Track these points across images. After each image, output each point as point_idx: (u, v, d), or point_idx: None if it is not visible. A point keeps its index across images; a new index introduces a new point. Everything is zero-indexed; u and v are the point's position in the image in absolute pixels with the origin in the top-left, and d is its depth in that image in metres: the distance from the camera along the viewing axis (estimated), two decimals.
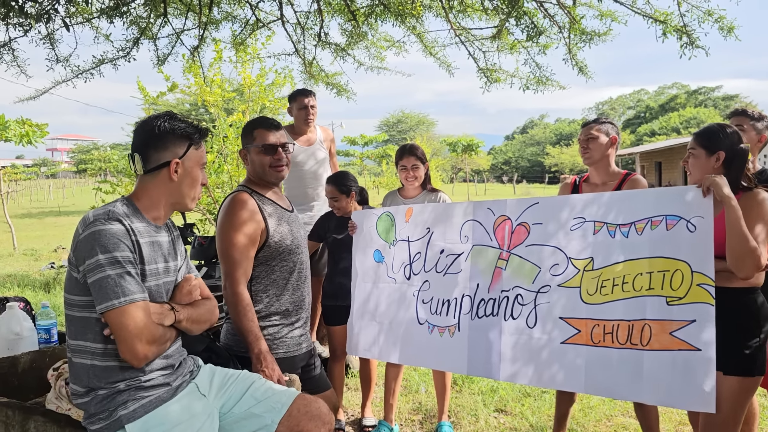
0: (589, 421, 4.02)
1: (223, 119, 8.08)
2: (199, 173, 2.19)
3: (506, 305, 2.92)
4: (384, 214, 3.45)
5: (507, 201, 3.06)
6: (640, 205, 2.63)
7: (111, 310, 1.87)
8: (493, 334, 2.93)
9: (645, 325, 2.52)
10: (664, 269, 2.50)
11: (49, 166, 78.38)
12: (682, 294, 2.45)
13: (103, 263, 1.89)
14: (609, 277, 2.64)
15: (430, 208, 3.36)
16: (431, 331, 3.17)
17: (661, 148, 34.04)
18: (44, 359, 2.81)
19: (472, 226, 3.11)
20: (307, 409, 2.25)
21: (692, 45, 4.84)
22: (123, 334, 1.88)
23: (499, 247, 2.99)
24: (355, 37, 6.52)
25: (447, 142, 42.66)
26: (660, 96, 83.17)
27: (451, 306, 3.11)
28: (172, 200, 2.16)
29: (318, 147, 4.76)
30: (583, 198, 2.84)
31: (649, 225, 2.58)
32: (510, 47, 6.02)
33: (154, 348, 1.96)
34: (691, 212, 2.47)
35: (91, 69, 6.12)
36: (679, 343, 2.43)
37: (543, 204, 2.93)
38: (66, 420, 2.15)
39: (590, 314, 2.67)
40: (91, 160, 52.43)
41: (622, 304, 2.59)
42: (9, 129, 14.81)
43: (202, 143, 2.20)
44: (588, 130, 3.29)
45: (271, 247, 2.73)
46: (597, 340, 2.63)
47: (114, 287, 1.88)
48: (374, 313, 3.39)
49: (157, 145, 2.11)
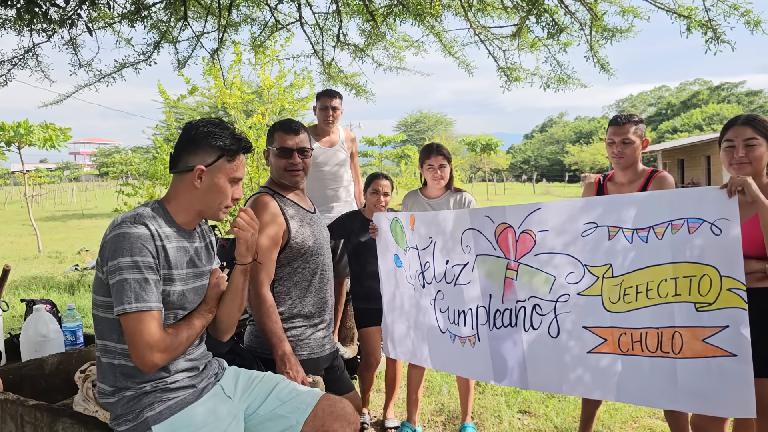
0: (615, 422, 3.97)
1: (243, 121, 8.13)
2: (226, 186, 2.12)
3: (524, 316, 2.85)
4: (394, 220, 3.43)
5: (506, 207, 2.94)
6: (657, 208, 2.51)
7: (123, 314, 1.89)
8: (515, 344, 2.88)
9: (675, 332, 2.45)
10: (691, 274, 2.42)
11: (72, 169, 79.59)
12: (712, 299, 2.37)
13: (122, 266, 1.90)
14: (632, 284, 2.56)
15: (429, 216, 3.28)
16: (453, 340, 3.14)
17: (683, 145, 33.62)
18: (71, 361, 2.84)
19: (472, 235, 3.03)
20: (332, 409, 2.25)
21: (717, 40, 4.74)
22: (135, 340, 1.89)
23: (505, 256, 2.90)
24: (373, 38, 6.50)
25: (465, 142, 42.52)
26: (682, 92, 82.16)
27: (467, 316, 3.07)
28: (197, 207, 2.13)
29: (339, 148, 4.77)
30: (592, 202, 2.73)
31: (669, 229, 2.47)
32: (530, 45, 5.95)
33: (166, 356, 1.95)
34: (715, 214, 2.37)
35: (113, 73, 6.18)
36: (713, 350, 2.36)
37: (546, 210, 2.80)
38: (93, 422, 2.16)
39: (615, 323, 2.60)
40: (113, 164, 53.15)
41: (649, 311, 2.52)
42: (33, 133, 15.06)
43: (238, 157, 2.13)
44: (624, 133, 3.12)
45: (293, 249, 2.73)
46: (625, 348, 2.57)
47: (128, 291, 1.88)
48: (404, 317, 3.38)
49: (189, 147, 2.11)
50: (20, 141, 15.06)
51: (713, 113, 63.32)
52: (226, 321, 2.24)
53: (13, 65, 5.70)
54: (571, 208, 2.75)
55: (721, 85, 76.40)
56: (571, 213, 2.73)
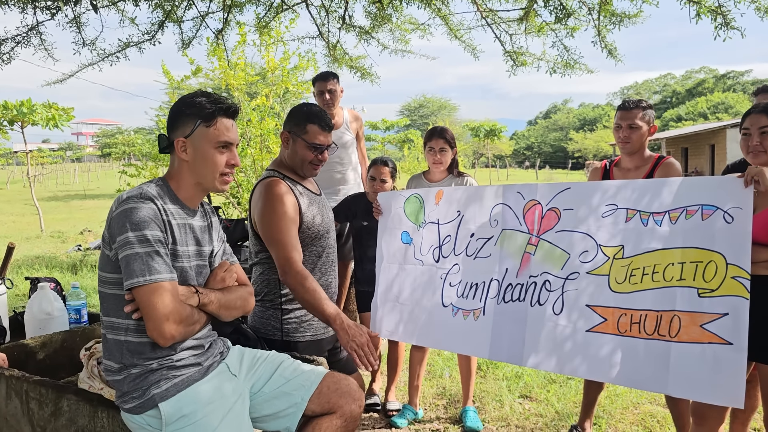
0: (615, 408, 3.98)
1: (247, 103, 8.10)
2: (212, 152, 2.08)
3: (533, 291, 2.87)
4: (412, 196, 3.42)
5: (538, 185, 3.00)
6: (675, 194, 2.54)
7: (136, 287, 1.88)
8: (518, 320, 2.88)
9: (674, 316, 2.45)
10: (697, 260, 2.42)
11: (75, 150, 79.57)
12: (715, 286, 2.37)
13: (132, 241, 1.90)
14: (639, 266, 2.57)
15: (461, 191, 3.32)
16: (455, 314, 3.13)
17: (687, 133, 33.47)
18: (75, 339, 2.85)
19: (502, 209, 3.06)
20: (337, 386, 2.25)
21: (727, 26, 4.70)
22: (151, 313, 1.89)
23: (529, 232, 2.93)
24: (379, 20, 6.45)
25: (469, 127, 42.35)
26: (687, 80, 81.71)
27: (478, 290, 3.07)
28: (194, 180, 2.12)
29: (344, 130, 4.73)
30: (617, 184, 2.76)
31: (684, 214, 2.49)
32: (537, 30, 5.90)
33: (182, 328, 1.95)
34: (730, 202, 2.38)
35: (116, 52, 6.13)
36: (710, 336, 2.36)
37: (575, 189, 2.85)
38: (98, 399, 2.17)
39: (618, 303, 2.60)
40: (115, 144, 53.14)
41: (652, 294, 2.52)
42: (36, 113, 15.04)
43: (215, 121, 2.08)
44: (632, 118, 3.13)
45: (303, 233, 2.72)
46: (623, 329, 2.57)
47: (141, 265, 1.88)
48: (398, 295, 3.36)
49: (171, 124, 2.12)
50: (23, 120, 15.05)
51: (718, 102, 63.03)
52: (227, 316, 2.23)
53: (17, 43, 5.65)
54: (598, 189, 2.78)
55: (727, 74, 75.97)
56: (597, 194, 2.76)
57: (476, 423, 3.75)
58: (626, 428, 3.72)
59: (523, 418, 3.89)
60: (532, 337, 2.82)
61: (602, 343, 2.62)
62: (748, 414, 3.10)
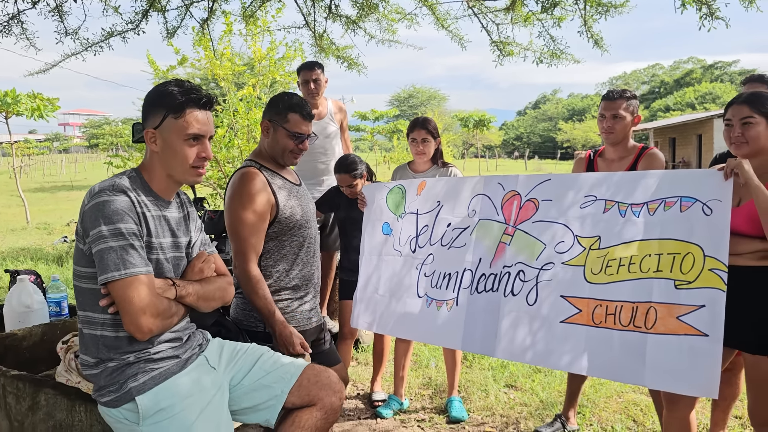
0: (599, 397, 4.01)
1: (234, 93, 8.04)
2: (181, 145, 2.03)
3: (507, 281, 2.85)
4: (395, 187, 3.41)
5: (519, 176, 2.98)
6: (654, 186, 2.54)
7: (111, 281, 1.86)
8: (491, 310, 2.86)
9: (650, 307, 2.45)
10: (675, 252, 2.42)
11: (62, 140, 78.82)
12: (692, 278, 2.37)
13: (106, 234, 1.87)
14: (615, 257, 2.57)
15: (443, 182, 3.31)
16: (429, 304, 3.12)
17: (675, 123, 33.62)
18: (55, 332, 2.82)
19: (480, 200, 3.05)
20: (317, 378, 2.25)
21: (712, 16, 4.69)
22: (127, 307, 1.86)
23: (505, 222, 2.93)
24: (366, 9, 6.40)
25: (458, 117, 42.40)
26: (675, 71, 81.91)
27: (452, 280, 3.06)
28: (165, 172, 2.08)
29: (328, 121, 4.71)
30: (597, 176, 2.76)
31: (662, 206, 2.49)
32: (524, 19, 5.88)
33: (159, 322, 1.93)
34: (709, 195, 2.38)
35: (100, 42, 6.03)
36: (686, 328, 2.36)
37: (555, 181, 2.85)
38: (76, 393, 2.15)
39: (593, 294, 2.59)
40: (102, 135, 52.67)
41: (628, 285, 2.52)
42: (20, 103, 14.86)
43: (184, 113, 2.03)
44: (616, 108, 3.13)
45: (281, 223, 2.70)
46: (598, 320, 2.56)
47: (116, 259, 1.86)
48: (377, 286, 3.35)
49: (144, 114, 2.09)
50: (7, 111, 14.87)
51: (706, 92, 63.28)
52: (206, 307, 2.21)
53: None
54: (578, 180, 2.78)
55: (714, 64, 76.23)
56: (577, 186, 2.76)
57: (461, 413, 3.76)
58: (610, 417, 3.74)
59: (508, 408, 3.91)
60: (505, 328, 2.80)
61: (576, 335, 2.61)
62: (729, 402, 3.12)
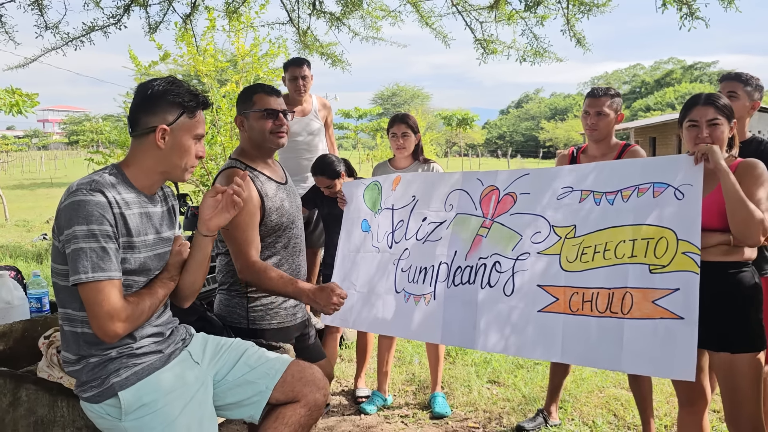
0: (581, 392, 4.05)
1: (216, 90, 7.99)
2: (190, 144, 2.06)
3: (483, 273, 2.87)
4: (372, 183, 3.41)
5: (498, 172, 3.03)
6: (628, 173, 2.60)
7: (80, 284, 1.84)
8: (468, 303, 2.88)
9: (626, 293, 2.48)
10: (649, 237, 2.47)
11: (41, 137, 77.64)
12: (666, 262, 2.41)
13: (78, 235, 1.84)
14: (590, 245, 2.61)
15: (419, 176, 3.33)
16: (407, 299, 3.12)
17: (655, 123, 33.97)
18: (36, 328, 2.79)
19: (458, 195, 3.07)
20: (301, 374, 2.24)
21: (692, 16, 4.76)
22: (96, 311, 1.84)
23: (483, 216, 2.96)
24: (350, 6, 6.39)
25: (442, 116, 42.51)
26: (656, 71, 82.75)
27: (428, 274, 3.07)
28: (161, 169, 2.06)
29: (313, 117, 4.71)
30: (573, 168, 2.82)
31: (635, 192, 2.55)
32: (507, 17, 5.91)
33: (128, 325, 1.91)
34: (680, 179, 2.44)
35: (81, 36, 5.95)
36: (661, 312, 2.40)
37: (533, 175, 2.91)
38: (58, 388, 2.13)
39: (569, 282, 2.63)
40: (83, 132, 51.90)
41: (603, 271, 2.56)
42: None
43: (197, 113, 2.07)
44: (600, 105, 3.16)
45: (267, 226, 2.67)
46: (575, 308, 2.60)
47: (86, 261, 1.83)
48: (355, 282, 3.34)
49: (147, 108, 2.03)
50: None
51: (686, 92, 63.97)
52: (188, 289, 2.19)
53: None
54: (556, 173, 2.83)
55: (694, 65, 77.11)
56: (555, 178, 2.80)
57: (445, 408, 3.78)
58: (591, 411, 3.78)
59: (491, 403, 3.93)
60: (483, 320, 2.83)
61: (554, 323, 2.64)
62: None
